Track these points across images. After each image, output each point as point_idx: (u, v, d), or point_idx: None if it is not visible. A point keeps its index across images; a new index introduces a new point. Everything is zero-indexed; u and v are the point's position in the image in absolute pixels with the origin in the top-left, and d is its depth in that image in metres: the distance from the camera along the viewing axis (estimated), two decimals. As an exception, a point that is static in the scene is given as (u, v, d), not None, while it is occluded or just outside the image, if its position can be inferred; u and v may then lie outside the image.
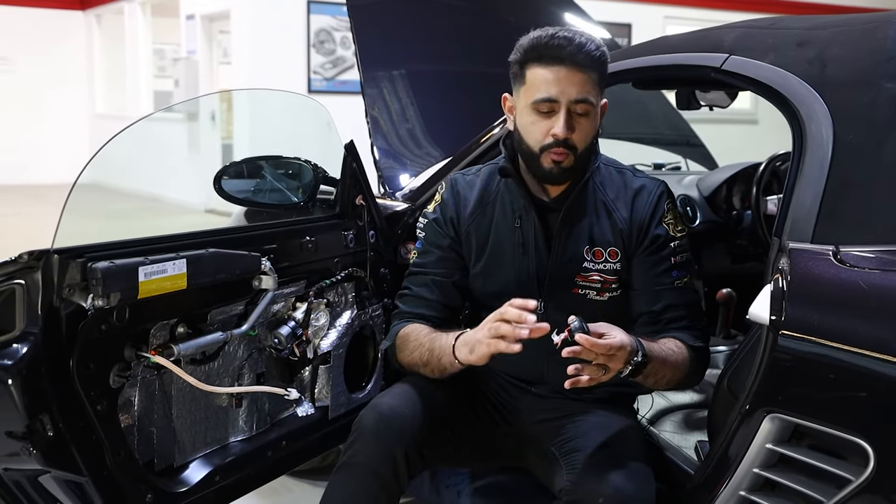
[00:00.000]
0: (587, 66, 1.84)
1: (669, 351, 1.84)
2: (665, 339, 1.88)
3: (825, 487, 1.53)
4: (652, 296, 1.95)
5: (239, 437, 2.05)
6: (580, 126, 1.86)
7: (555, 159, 1.87)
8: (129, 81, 12.34)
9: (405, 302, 2.06)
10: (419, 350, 1.94)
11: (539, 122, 1.87)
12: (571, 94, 1.83)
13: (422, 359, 1.93)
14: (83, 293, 1.58)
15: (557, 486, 1.85)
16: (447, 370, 1.88)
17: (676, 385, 1.94)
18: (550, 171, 1.89)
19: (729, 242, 3.09)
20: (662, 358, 1.80)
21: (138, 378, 1.77)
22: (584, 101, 1.84)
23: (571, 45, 1.83)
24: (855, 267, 1.54)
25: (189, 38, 10.64)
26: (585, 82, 1.84)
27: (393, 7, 3.14)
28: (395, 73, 2.98)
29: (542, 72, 1.84)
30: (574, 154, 1.87)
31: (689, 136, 3.87)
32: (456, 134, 2.78)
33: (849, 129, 1.68)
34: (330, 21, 9.58)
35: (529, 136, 1.90)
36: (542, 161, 1.89)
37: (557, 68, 1.83)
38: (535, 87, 1.86)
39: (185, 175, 10.32)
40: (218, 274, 1.82)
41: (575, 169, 1.91)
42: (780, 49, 1.87)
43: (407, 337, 1.98)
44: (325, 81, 9.58)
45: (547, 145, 1.87)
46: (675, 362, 1.84)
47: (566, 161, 1.87)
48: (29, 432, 1.54)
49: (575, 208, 1.96)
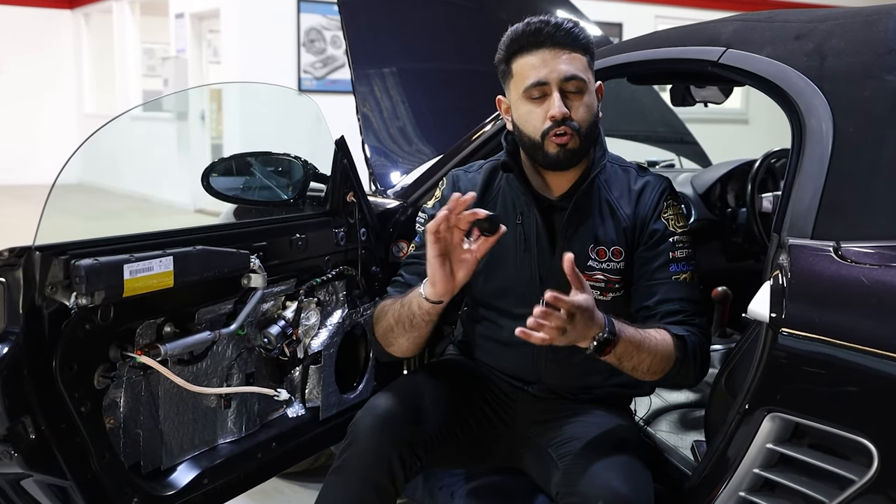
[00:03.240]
0: (569, 45, 1.81)
1: (647, 335, 1.74)
2: (649, 326, 1.80)
3: (827, 487, 1.50)
4: (647, 290, 1.90)
5: (228, 438, 2.01)
6: (576, 105, 1.82)
7: (558, 142, 1.82)
8: (118, 81, 12.26)
9: (395, 286, 2.01)
10: (391, 310, 1.87)
11: (534, 109, 1.84)
12: (560, 72, 1.80)
13: (394, 316, 1.86)
14: (66, 291, 1.54)
15: (554, 488, 1.81)
16: (416, 315, 1.81)
17: (664, 375, 1.82)
18: (556, 155, 1.84)
19: (724, 240, 3.06)
20: (637, 341, 1.71)
21: (124, 379, 1.73)
22: (574, 77, 1.81)
23: (548, 26, 1.81)
24: (857, 263, 1.51)
25: (178, 36, 10.58)
26: (571, 60, 1.81)
27: (383, 4, 3.11)
28: (385, 70, 2.95)
29: (527, 59, 1.82)
30: (578, 135, 1.83)
31: (683, 134, 3.86)
32: (447, 131, 2.75)
33: (849, 123, 1.65)
34: (320, 20, 9.54)
35: (528, 126, 1.86)
36: (546, 147, 1.84)
37: (541, 51, 1.81)
38: (523, 76, 1.83)
39: (175, 175, 10.26)
40: (206, 272, 1.79)
41: (581, 152, 1.86)
42: (778, 42, 1.84)
43: (383, 306, 1.93)
44: (315, 81, 9.54)
45: (547, 129, 1.82)
46: (652, 347, 1.74)
47: (571, 142, 1.82)
48: (10, 435, 1.50)
49: (580, 207, 1.92)
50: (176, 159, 10.51)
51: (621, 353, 1.68)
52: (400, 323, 1.85)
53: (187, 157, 10.21)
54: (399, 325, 1.85)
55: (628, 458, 1.79)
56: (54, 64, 13.21)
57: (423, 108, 2.96)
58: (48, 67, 13.11)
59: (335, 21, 9.55)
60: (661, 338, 1.78)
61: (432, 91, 3.05)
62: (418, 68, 3.08)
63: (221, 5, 9.53)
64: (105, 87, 12.95)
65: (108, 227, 7.37)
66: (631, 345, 1.69)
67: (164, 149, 10.61)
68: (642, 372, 1.76)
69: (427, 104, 2.99)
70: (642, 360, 1.73)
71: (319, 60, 9.59)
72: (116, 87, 12.34)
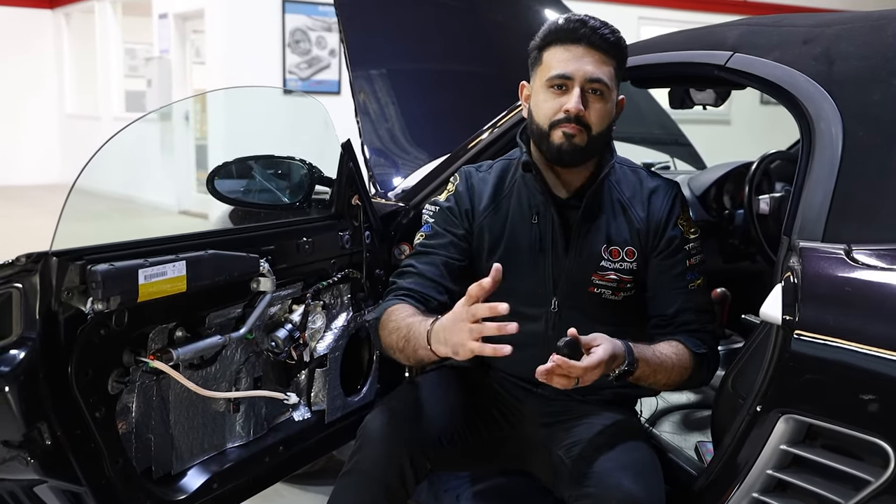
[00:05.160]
0: (603, 49, 1.83)
1: (665, 357, 1.83)
2: (665, 344, 1.87)
3: (841, 488, 1.52)
4: (666, 299, 1.93)
5: (236, 442, 2.01)
6: (594, 106, 1.84)
7: (566, 131, 1.83)
8: (101, 81, 12.16)
9: (406, 278, 1.95)
10: (396, 333, 1.81)
11: (552, 98, 1.85)
12: (586, 71, 1.82)
13: (398, 344, 1.80)
14: (82, 297, 1.53)
15: (565, 491, 1.82)
16: (423, 361, 1.77)
17: (676, 388, 1.95)
18: (560, 146, 1.84)
19: (721, 241, 3.09)
20: (655, 364, 1.80)
21: (136, 384, 1.72)
22: (599, 80, 1.82)
23: (586, 26, 1.83)
24: (869, 265, 1.52)
25: (162, 37, 10.51)
26: (601, 63, 1.83)
27: (381, 4, 3.11)
28: (385, 71, 2.94)
29: (559, 51, 1.85)
30: (588, 133, 1.84)
31: (678, 136, 3.88)
32: (448, 133, 2.75)
33: (859, 127, 1.66)
34: (305, 21, 9.50)
35: (540, 113, 1.88)
36: (552, 136, 1.85)
37: (574, 47, 1.83)
38: (550, 66, 1.86)
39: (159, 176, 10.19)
40: (217, 276, 1.78)
41: (587, 151, 1.87)
42: (786, 46, 1.86)
43: (390, 315, 1.86)
44: (300, 81, 9.50)
45: (557, 120, 1.84)
46: (669, 368, 1.83)
47: (578, 137, 1.84)
48: (26, 441, 1.50)
49: (594, 205, 1.93)
50: (159, 160, 10.43)
51: (640, 375, 1.77)
52: (404, 354, 1.79)
53: (171, 157, 10.14)
54: (402, 355, 1.80)
55: (639, 458, 1.81)
56: (35, 64, 13.07)
57: (425, 109, 2.96)
58: (29, 68, 12.97)
59: (320, 22, 9.53)
60: (677, 355, 1.85)
61: (433, 93, 3.05)
62: (418, 70, 3.08)
63: (206, 6, 9.47)
64: (87, 87, 12.84)
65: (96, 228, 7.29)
66: (649, 367, 1.78)
67: (147, 149, 10.53)
68: (659, 386, 1.88)
69: (428, 105, 2.99)
70: (659, 379, 1.83)
71: (304, 61, 9.55)
72: (98, 87, 12.24)
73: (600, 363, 1.63)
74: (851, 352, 1.47)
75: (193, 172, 9.94)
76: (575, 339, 1.63)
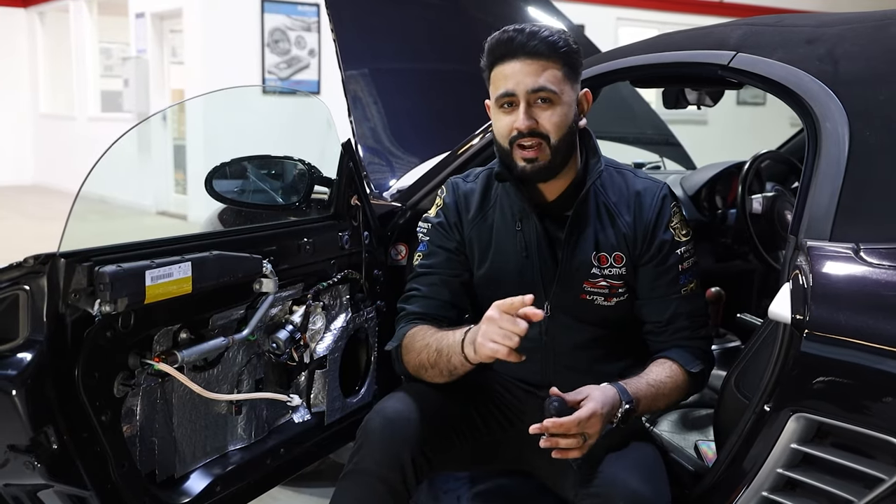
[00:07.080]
0: (542, 54, 1.80)
1: (660, 383, 1.86)
2: (657, 367, 1.89)
3: (853, 486, 1.52)
4: (659, 306, 1.94)
5: (238, 445, 1.99)
6: (543, 115, 1.82)
7: (524, 156, 1.84)
8: (76, 81, 12.04)
9: (414, 303, 1.99)
10: (426, 351, 1.86)
11: (504, 117, 1.86)
12: (527, 84, 1.80)
13: (429, 359, 1.85)
14: (90, 298, 1.51)
15: (571, 491, 1.82)
16: (457, 370, 1.81)
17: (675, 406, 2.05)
18: (524, 169, 1.85)
19: (713, 241, 3.09)
20: (653, 395, 1.83)
21: (141, 386, 1.70)
22: (542, 88, 1.80)
23: (521, 35, 1.81)
24: (879, 264, 1.53)
25: (139, 36, 10.41)
26: (541, 70, 1.80)
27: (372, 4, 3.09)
28: (378, 71, 2.93)
29: (501, 68, 1.84)
30: (548, 143, 1.83)
31: (668, 136, 3.90)
32: (442, 133, 2.74)
33: (865, 127, 1.67)
34: (284, 20, 9.45)
35: (498, 133, 1.89)
36: (515, 157, 1.86)
37: (512, 62, 1.82)
38: (496, 86, 1.86)
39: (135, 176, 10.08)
40: (222, 277, 1.76)
41: (553, 166, 1.86)
42: (789, 46, 1.86)
43: (413, 337, 1.91)
44: (279, 81, 9.45)
45: (513, 138, 1.84)
46: (667, 393, 1.87)
47: (541, 156, 1.83)
48: (33, 445, 1.47)
49: (581, 215, 1.92)
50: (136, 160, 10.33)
51: (642, 410, 1.83)
52: (436, 369, 1.85)
53: (148, 157, 10.04)
54: (435, 370, 1.85)
55: (646, 459, 1.81)
56: (8, 63, 12.93)
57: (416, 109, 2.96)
58: (1, 67, 12.83)
59: (299, 21, 9.48)
60: (671, 378, 1.88)
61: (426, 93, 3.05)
62: (411, 69, 3.08)
63: (184, 5, 9.39)
64: (61, 87, 12.71)
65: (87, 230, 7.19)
66: (648, 399, 1.82)
67: (123, 149, 10.42)
68: (660, 411, 2.01)
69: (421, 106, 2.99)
70: (659, 406, 1.89)
71: (284, 61, 9.50)
72: (74, 86, 12.11)
73: (593, 413, 1.66)
74: (863, 350, 1.47)
75: (171, 173, 9.87)
76: (561, 399, 1.66)
